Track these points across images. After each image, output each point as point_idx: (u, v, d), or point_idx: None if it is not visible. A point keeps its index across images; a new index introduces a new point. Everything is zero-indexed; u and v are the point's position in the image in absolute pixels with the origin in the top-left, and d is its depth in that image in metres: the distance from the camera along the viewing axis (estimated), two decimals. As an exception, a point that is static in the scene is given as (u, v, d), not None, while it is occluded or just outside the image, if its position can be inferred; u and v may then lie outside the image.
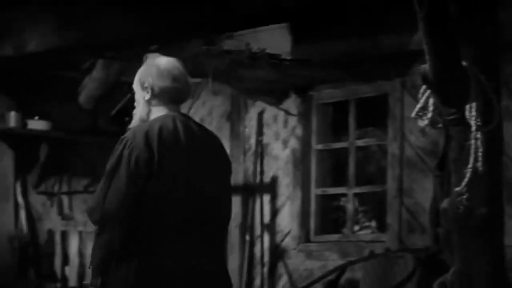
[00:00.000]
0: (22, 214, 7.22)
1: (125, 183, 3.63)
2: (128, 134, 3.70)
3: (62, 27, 5.92)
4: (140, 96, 3.85)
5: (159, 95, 3.78)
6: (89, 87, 6.84)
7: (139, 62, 6.37)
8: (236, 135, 7.51)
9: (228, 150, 7.51)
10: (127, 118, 7.52)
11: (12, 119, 6.97)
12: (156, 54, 3.92)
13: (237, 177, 7.48)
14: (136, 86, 3.89)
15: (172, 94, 3.78)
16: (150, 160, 3.61)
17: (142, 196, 3.62)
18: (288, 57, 6.43)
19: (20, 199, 7.24)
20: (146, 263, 3.62)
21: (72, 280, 6.88)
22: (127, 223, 3.63)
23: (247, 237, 7.33)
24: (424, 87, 4.07)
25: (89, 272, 5.39)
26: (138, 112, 3.86)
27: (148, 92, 3.79)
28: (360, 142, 7.07)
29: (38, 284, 7.09)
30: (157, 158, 3.62)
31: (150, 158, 3.61)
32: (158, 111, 3.78)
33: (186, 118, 3.85)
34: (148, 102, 3.80)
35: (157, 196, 3.65)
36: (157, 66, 3.80)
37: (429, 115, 4.11)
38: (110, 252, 3.67)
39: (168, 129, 3.70)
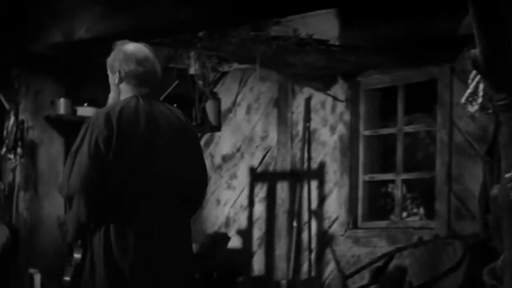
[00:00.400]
0: (72, 200, 7.28)
1: (87, 160, 3.89)
2: (92, 116, 4.04)
3: (111, 14, 5.95)
4: (111, 80, 4.16)
5: (126, 79, 4.08)
6: (137, 73, 6.86)
7: (187, 48, 6.44)
8: (283, 121, 7.50)
9: (275, 136, 7.57)
10: (175, 104, 7.58)
11: (62, 106, 7.02)
12: (126, 41, 4.20)
13: (284, 163, 7.48)
14: (108, 71, 4.19)
15: (138, 77, 4.06)
16: (110, 138, 3.89)
17: (104, 171, 3.89)
18: (336, 43, 6.40)
19: (69, 184, 7.29)
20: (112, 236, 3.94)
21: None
22: (91, 197, 3.91)
23: (295, 223, 7.33)
24: (474, 72, 4.02)
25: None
26: (111, 95, 4.17)
27: (116, 76, 4.09)
28: (408, 128, 7.02)
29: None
30: (115, 136, 3.90)
31: (110, 136, 3.90)
32: (127, 93, 4.07)
33: (152, 99, 4.13)
34: (117, 86, 4.11)
35: (117, 171, 3.92)
36: (124, 51, 4.10)
37: (479, 100, 4.06)
38: (79, 224, 3.95)
39: (129, 109, 3.98)
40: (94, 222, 4.00)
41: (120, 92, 4.13)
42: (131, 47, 4.14)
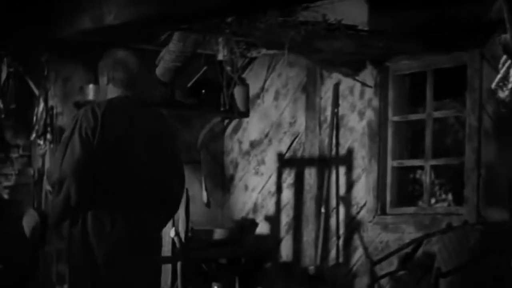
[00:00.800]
0: (101, 185, 7.32)
1: (79, 149, 4.39)
2: (81, 110, 4.59)
3: (139, 0, 5.95)
4: (101, 82, 4.73)
5: (113, 81, 4.66)
6: (166, 59, 6.88)
7: (215, 34, 6.44)
8: (311, 106, 7.49)
9: (303, 122, 7.57)
10: (203, 90, 7.60)
11: (91, 92, 7.05)
12: (117, 49, 4.85)
13: (312, 149, 7.48)
14: (98, 73, 4.79)
15: (124, 82, 4.65)
16: (94, 130, 4.42)
17: (92, 160, 4.39)
18: (365, 28, 6.38)
19: (99, 171, 7.33)
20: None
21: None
22: (82, 182, 4.38)
23: (322, 210, 7.33)
24: (504, 57, 4.00)
25: (166, 241, 5.88)
26: (100, 94, 4.78)
27: (105, 79, 4.68)
28: (437, 114, 6.99)
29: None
30: (99, 128, 4.43)
31: (95, 127, 4.42)
32: (112, 94, 4.64)
33: (135, 99, 4.71)
34: (105, 87, 4.69)
35: (99, 161, 4.42)
36: (114, 57, 4.72)
37: (510, 86, 4.05)
38: (66, 208, 4.42)
39: (113, 106, 4.55)
40: (82, 206, 4.45)
41: (107, 93, 4.70)
42: (121, 54, 4.76)
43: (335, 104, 7.32)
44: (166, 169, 4.68)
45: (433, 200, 7.21)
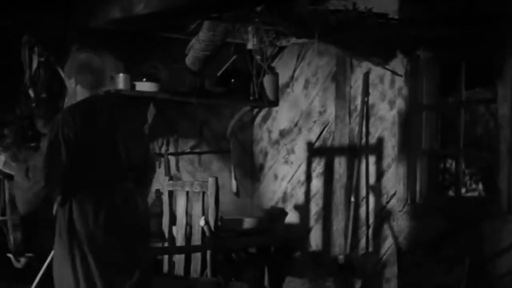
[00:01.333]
0: (131, 175, 7.36)
1: (64, 155, 4.65)
2: (59, 115, 4.77)
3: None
4: (68, 84, 4.95)
5: (81, 83, 4.88)
6: (196, 48, 6.88)
7: (245, 23, 6.42)
8: (341, 95, 7.47)
9: (333, 111, 7.55)
10: (233, 80, 7.60)
11: (121, 81, 7.06)
12: (80, 52, 5.10)
13: (342, 138, 7.46)
14: (64, 76, 5.04)
15: (90, 82, 4.88)
16: (76, 131, 4.67)
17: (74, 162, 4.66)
18: (395, 17, 6.35)
19: (128, 160, 7.37)
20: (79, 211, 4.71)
21: (179, 239, 6.99)
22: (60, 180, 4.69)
23: (352, 199, 7.31)
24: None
25: (196, 230, 5.95)
26: (68, 97, 5.11)
27: (73, 82, 4.89)
28: (468, 103, 6.94)
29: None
30: (80, 128, 4.70)
31: (76, 129, 4.68)
32: (83, 95, 4.87)
33: (107, 96, 5.07)
34: (74, 89, 4.90)
35: (83, 158, 4.70)
36: (78, 61, 4.93)
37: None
38: (36, 197, 4.70)
39: (89, 105, 4.82)
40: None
41: (77, 94, 4.92)
42: (84, 56, 4.96)
43: (365, 93, 7.30)
44: (142, 154, 5.02)
45: (463, 190, 7.17)
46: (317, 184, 7.72)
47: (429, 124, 7.06)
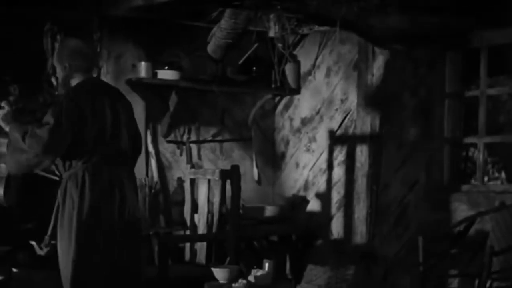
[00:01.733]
0: (153, 163, 7.38)
1: (68, 126, 4.99)
2: (65, 93, 5.14)
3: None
4: (60, 71, 5.24)
5: (73, 69, 5.20)
6: (217, 36, 6.88)
7: (266, 11, 6.40)
8: (363, 83, 7.45)
9: (355, 99, 7.54)
10: (254, 67, 7.59)
11: (143, 69, 7.08)
12: (69, 38, 5.41)
13: (364, 126, 7.44)
14: (55, 63, 5.29)
15: (82, 67, 5.22)
16: (83, 110, 5.03)
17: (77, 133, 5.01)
18: (419, 4, 6.31)
19: (150, 148, 7.39)
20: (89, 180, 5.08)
21: (201, 227, 7.01)
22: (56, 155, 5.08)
23: (374, 187, 7.30)
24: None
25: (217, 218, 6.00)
26: (61, 82, 5.26)
27: (65, 68, 5.20)
28: (491, 91, 6.91)
29: (168, 232, 7.26)
30: (87, 108, 5.05)
31: (83, 108, 5.04)
32: (77, 80, 5.20)
33: (97, 79, 5.76)
34: (67, 73, 5.21)
35: (87, 136, 5.06)
36: (68, 47, 5.25)
37: None
38: (27, 162, 5.06)
39: (85, 87, 5.16)
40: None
41: (71, 78, 5.23)
42: (74, 43, 5.28)
43: (387, 81, 7.27)
44: (134, 126, 5.43)
45: (486, 178, 7.13)
46: (338, 172, 7.71)
47: (451, 112, 7.04)
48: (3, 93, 6.95)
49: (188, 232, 7.08)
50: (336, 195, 7.72)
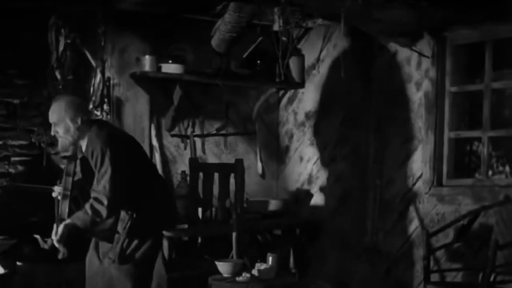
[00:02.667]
0: (157, 157, 7.38)
1: (124, 176, 5.37)
2: (100, 142, 5.38)
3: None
4: (68, 127, 5.50)
5: (81, 119, 5.50)
6: (221, 30, 6.88)
7: (271, 4, 6.38)
8: (368, 77, 7.44)
9: (359, 93, 7.52)
10: (258, 61, 7.59)
11: (147, 63, 7.08)
12: (56, 98, 5.78)
13: (368, 120, 7.44)
14: (60, 122, 5.52)
15: (85, 115, 5.58)
16: (125, 155, 5.43)
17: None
18: (423, -2, 6.31)
19: (154, 141, 7.39)
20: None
21: (205, 221, 7.03)
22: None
23: (378, 181, 7.30)
24: None
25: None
26: (70, 137, 5.52)
27: (78, 120, 5.48)
28: (495, 85, 6.90)
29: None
30: (126, 153, 5.44)
31: (124, 154, 5.42)
32: (87, 126, 5.52)
33: (105, 121, 6.30)
34: (78, 128, 5.49)
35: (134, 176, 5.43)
36: (74, 102, 5.58)
37: None
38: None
39: (110, 133, 5.52)
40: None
41: (80, 130, 5.52)
42: (73, 98, 5.67)
43: (392, 74, 7.27)
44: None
45: (490, 172, 7.12)
46: (342, 166, 7.71)
47: (455, 106, 7.03)
48: (8, 87, 6.98)
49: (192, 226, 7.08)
50: (340, 189, 7.71)
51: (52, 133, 5.60)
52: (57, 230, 5.35)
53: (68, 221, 5.35)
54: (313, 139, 7.96)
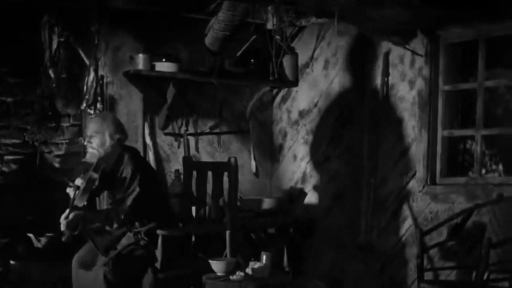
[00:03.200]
0: (150, 155, 7.38)
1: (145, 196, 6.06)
2: (132, 167, 6.04)
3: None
4: (104, 141, 6.12)
5: (120, 139, 6.19)
6: (215, 28, 6.87)
7: (264, 3, 6.38)
8: (361, 75, 7.45)
9: (353, 91, 7.52)
10: (252, 60, 7.59)
11: (140, 61, 7.07)
12: (105, 112, 6.66)
13: (362, 119, 7.44)
14: (98, 134, 6.13)
15: (125, 136, 6.28)
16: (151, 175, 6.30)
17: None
18: (416, -4, 6.31)
19: (148, 140, 7.39)
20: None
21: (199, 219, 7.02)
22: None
23: (372, 180, 7.30)
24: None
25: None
26: (102, 151, 6.11)
27: (114, 139, 6.13)
28: (489, 83, 6.90)
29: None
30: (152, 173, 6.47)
31: (150, 174, 6.30)
32: (120, 147, 6.17)
33: (136, 149, 6.61)
34: (113, 145, 6.12)
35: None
36: (113, 120, 6.28)
37: None
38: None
39: (144, 160, 6.57)
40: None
41: (114, 149, 6.14)
42: (116, 118, 6.46)
43: (385, 73, 7.27)
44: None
45: (483, 171, 7.13)
46: (336, 164, 7.71)
47: (449, 105, 7.04)
48: (1, 85, 6.97)
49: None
50: (334, 188, 7.72)
51: (85, 143, 6.16)
52: (69, 215, 5.78)
53: (81, 212, 5.81)
54: (306, 138, 7.97)
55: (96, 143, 6.13)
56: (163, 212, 6.33)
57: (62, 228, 5.80)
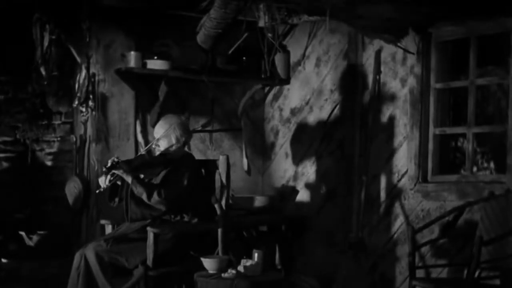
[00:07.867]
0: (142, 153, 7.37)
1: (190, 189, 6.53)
2: (189, 158, 6.65)
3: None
4: (171, 144, 6.57)
5: (185, 141, 6.69)
6: (207, 26, 6.87)
7: (256, 0, 6.36)
8: (353, 73, 7.45)
9: (344, 89, 7.53)
10: (244, 57, 7.58)
11: (132, 59, 7.07)
12: (172, 114, 6.74)
13: (354, 117, 7.45)
14: (165, 137, 6.54)
15: (190, 137, 6.78)
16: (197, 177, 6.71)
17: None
18: (407, -7, 6.31)
19: (140, 138, 7.38)
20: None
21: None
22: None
23: (364, 178, 7.30)
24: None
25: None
26: (172, 147, 6.58)
27: (181, 142, 6.60)
28: (480, 81, 6.91)
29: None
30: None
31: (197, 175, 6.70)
32: (182, 149, 6.68)
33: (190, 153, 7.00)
34: (179, 147, 6.60)
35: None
36: (182, 124, 6.63)
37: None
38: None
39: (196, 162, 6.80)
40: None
41: (178, 150, 6.63)
42: (183, 120, 6.74)
43: (377, 71, 7.28)
44: None
45: (475, 168, 7.15)
46: (328, 162, 7.72)
47: (440, 102, 7.04)
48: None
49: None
50: (326, 185, 7.72)
51: (153, 146, 6.61)
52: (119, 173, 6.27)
53: (133, 179, 6.29)
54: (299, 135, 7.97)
55: (163, 146, 6.58)
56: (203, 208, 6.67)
57: (104, 169, 6.22)
